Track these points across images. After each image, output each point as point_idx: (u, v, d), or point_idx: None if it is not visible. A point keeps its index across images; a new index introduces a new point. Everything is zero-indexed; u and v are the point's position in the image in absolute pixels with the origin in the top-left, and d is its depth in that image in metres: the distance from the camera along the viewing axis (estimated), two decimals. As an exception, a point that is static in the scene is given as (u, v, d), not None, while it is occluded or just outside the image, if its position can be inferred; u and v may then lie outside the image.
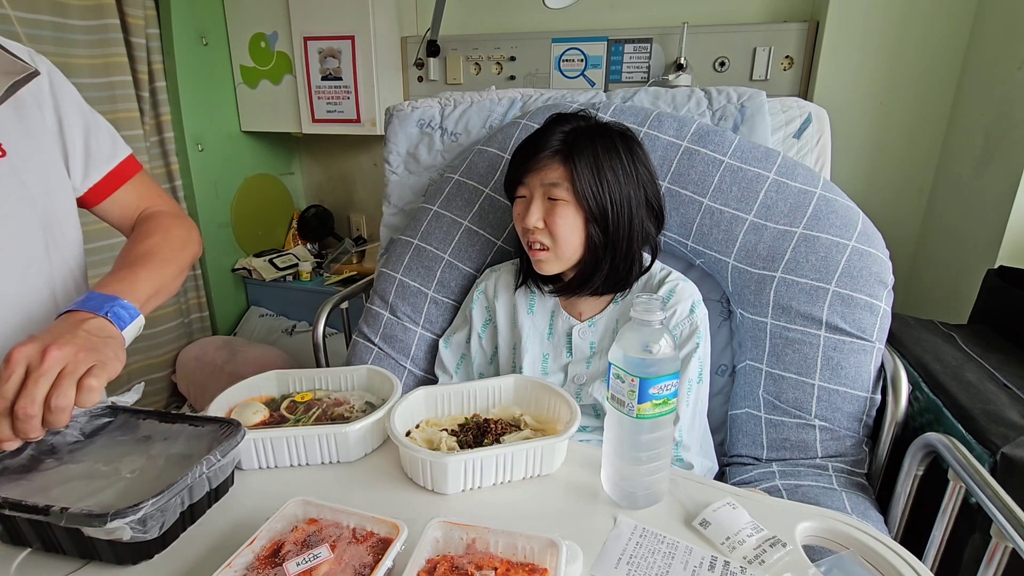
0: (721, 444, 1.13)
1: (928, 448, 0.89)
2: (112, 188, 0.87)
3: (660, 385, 0.64)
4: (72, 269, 0.84)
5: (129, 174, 0.89)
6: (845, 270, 1.04)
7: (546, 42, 2.04)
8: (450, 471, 0.69)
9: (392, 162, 1.46)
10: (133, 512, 0.54)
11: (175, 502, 0.60)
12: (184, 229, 0.89)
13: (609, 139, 0.94)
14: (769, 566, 0.60)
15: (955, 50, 1.61)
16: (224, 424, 0.70)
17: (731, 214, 1.10)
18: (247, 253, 2.47)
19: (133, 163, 0.90)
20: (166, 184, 2.13)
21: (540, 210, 0.94)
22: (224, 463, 0.66)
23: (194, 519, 0.66)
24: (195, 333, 2.28)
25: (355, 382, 0.90)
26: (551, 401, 0.83)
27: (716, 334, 1.15)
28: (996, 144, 1.41)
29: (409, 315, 1.24)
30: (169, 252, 0.82)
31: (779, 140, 1.28)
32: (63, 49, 1.73)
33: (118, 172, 0.87)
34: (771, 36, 1.81)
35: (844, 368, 1.03)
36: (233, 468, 0.72)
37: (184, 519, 0.64)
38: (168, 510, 0.59)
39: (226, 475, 0.70)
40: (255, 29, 2.21)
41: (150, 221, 0.87)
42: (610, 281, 0.98)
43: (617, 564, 0.61)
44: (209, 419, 0.72)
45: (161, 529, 0.59)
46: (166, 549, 0.62)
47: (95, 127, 0.85)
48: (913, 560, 0.61)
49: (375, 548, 0.56)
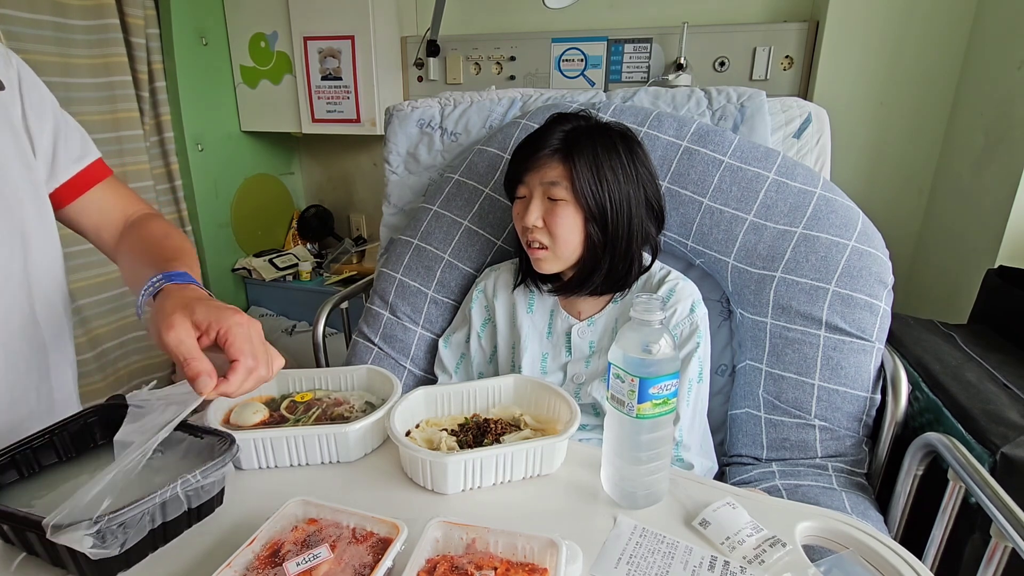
0: (721, 444, 1.13)
1: (928, 448, 0.89)
2: (81, 190, 0.83)
3: (660, 385, 0.64)
4: (54, 276, 0.82)
5: (99, 177, 0.85)
6: (845, 270, 1.04)
7: (546, 42, 2.04)
8: (450, 471, 0.69)
9: (392, 162, 1.46)
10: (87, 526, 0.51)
11: (141, 520, 0.57)
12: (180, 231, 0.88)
13: (609, 139, 0.94)
14: (769, 566, 0.60)
15: (955, 50, 1.61)
16: (221, 439, 0.67)
17: (731, 214, 1.10)
18: (247, 253, 2.47)
19: (103, 167, 0.86)
20: (166, 184, 2.13)
21: (539, 209, 0.94)
22: (207, 484, 0.62)
23: (168, 539, 0.62)
24: (195, 333, 2.28)
25: (355, 382, 0.90)
26: (551, 401, 0.83)
27: (716, 334, 1.15)
28: (996, 144, 1.41)
29: (409, 315, 1.24)
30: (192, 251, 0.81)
31: (779, 140, 1.28)
32: (63, 49, 1.73)
33: (87, 174, 0.84)
34: (771, 36, 1.81)
35: (844, 368, 1.03)
36: (221, 488, 0.67)
37: (155, 538, 0.60)
38: (131, 527, 0.56)
39: (211, 495, 0.66)
40: (255, 29, 2.21)
41: (155, 221, 0.86)
42: (609, 280, 0.98)
43: (617, 564, 0.61)
44: (210, 431, 0.69)
45: (123, 547, 0.55)
46: (130, 569, 0.59)
47: (65, 127, 0.82)
48: (913, 560, 0.61)
49: (375, 548, 0.56)
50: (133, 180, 1.96)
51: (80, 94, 1.79)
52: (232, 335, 0.60)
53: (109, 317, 1.93)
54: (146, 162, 2.00)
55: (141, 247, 0.80)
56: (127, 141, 1.93)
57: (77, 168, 0.82)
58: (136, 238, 0.83)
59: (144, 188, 2.00)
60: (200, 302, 0.63)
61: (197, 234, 2.25)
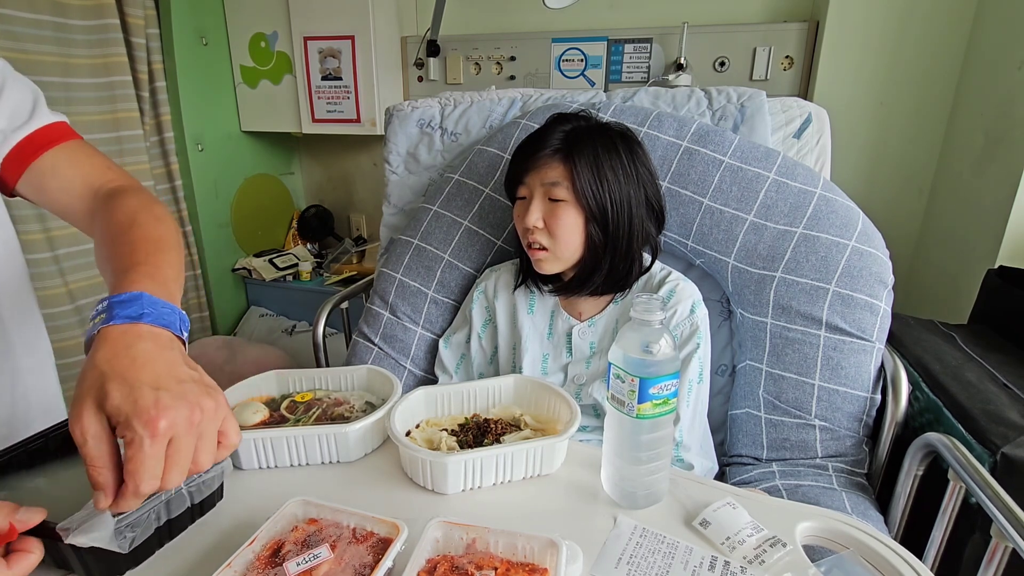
0: (721, 444, 1.13)
1: (928, 448, 0.89)
2: (30, 157, 0.68)
3: (660, 385, 0.64)
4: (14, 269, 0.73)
5: (52, 141, 0.69)
6: (845, 270, 1.04)
7: (546, 42, 2.04)
8: (450, 471, 0.69)
9: (392, 162, 1.46)
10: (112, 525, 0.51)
11: (148, 518, 0.57)
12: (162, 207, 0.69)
13: (609, 139, 0.94)
14: (769, 566, 0.60)
15: (955, 50, 1.61)
16: None
17: (731, 214, 1.10)
18: (247, 253, 2.47)
19: (60, 130, 0.71)
20: (166, 184, 2.13)
21: (540, 210, 0.94)
22: (207, 478, 0.63)
23: (172, 535, 0.63)
24: (195, 333, 2.28)
25: (355, 382, 0.90)
26: (551, 401, 0.83)
27: (716, 334, 1.14)
28: (996, 144, 1.41)
29: (409, 315, 1.24)
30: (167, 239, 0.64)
31: (779, 140, 1.28)
32: (63, 49, 1.73)
33: (35, 139, 0.68)
34: (771, 36, 1.81)
35: (844, 368, 1.03)
36: (221, 483, 0.68)
37: (160, 535, 0.61)
38: (139, 526, 0.57)
39: (212, 489, 0.66)
40: (255, 29, 2.21)
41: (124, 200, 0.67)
42: (610, 281, 0.98)
43: (617, 564, 0.60)
44: None
45: (131, 544, 0.56)
46: (137, 567, 0.59)
47: (12, 89, 0.68)
48: (913, 560, 0.61)
49: (375, 548, 0.56)
50: (133, 180, 1.96)
51: (80, 94, 1.79)
52: (135, 449, 0.44)
53: (109, 317, 1.92)
54: (146, 162, 2.00)
55: (104, 239, 0.64)
56: (127, 141, 1.93)
57: (24, 133, 0.68)
58: (102, 226, 0.66)
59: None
60: (129, 372, 0.46)
61: (197, 234, 2.25)
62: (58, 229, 1.78)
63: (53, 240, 1.77)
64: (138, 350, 0.48)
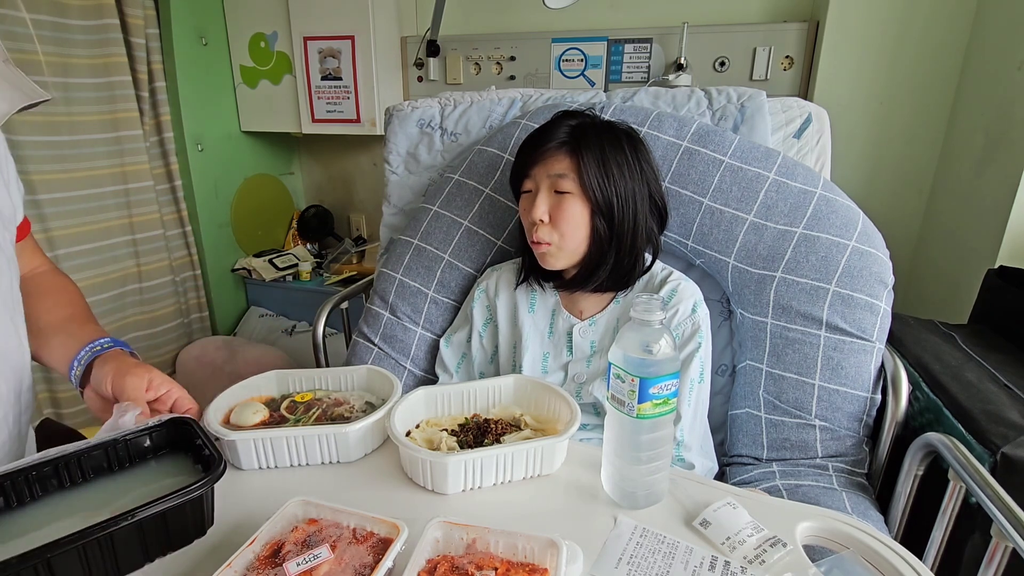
0: (721, 444, 1.13)
1: (928, 448, 0.89)
2: (24, 232, 0.86)
3: (660, 385, 0.64)
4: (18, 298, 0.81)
5: (25, 232, 0.87)
6: (845, 270, 1.04)
7: (546, 42, 2.04)
8: (450, 471, 0.69)
9: (392, 162, 1.46)
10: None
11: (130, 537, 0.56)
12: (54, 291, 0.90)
13: (615, 135, 0.94)
14: (769, 566, 0.60)
15: (955, 50, 1.61)
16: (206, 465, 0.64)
17: (731, 214, 1.10)
18: (247, 253, 2.47)
19: (27, 224, 0.88)
20: (166, 184, 2.13)
21: (546, 203, 0.94)
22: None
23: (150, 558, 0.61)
24: (195, 333, 2.28)
25: (355, 382, 0.90)
26: (551, 401, 0.83)
27: (716, 334, 1.14)
28: (996, 144, 1.41)
29: (409, 315, 1.24)
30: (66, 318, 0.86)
31: (779, 140, 1.28)
32: (63, 49, 1.73)
33: (25, 223, 0.86)
34: (771, 36, 1.81)
35: (844, 368, 1.03)
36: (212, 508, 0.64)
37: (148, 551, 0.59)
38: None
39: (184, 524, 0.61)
40: (255, 29, 2.21)
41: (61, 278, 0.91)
42: (614, 277, 0.98)
43: (617, 564, 0.60)
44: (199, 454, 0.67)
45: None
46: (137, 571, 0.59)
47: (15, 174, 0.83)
48: (913, 560, 0.61)
49: (375, 548, 0.56)
50: (133, 180, 1.96)
51: (80, 94, 1.79)
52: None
53: (109, 317, 1.93)
54: (146, 162, 2.00)
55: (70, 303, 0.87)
56: (127, 141, 1.93)
57: (22, 213, 0.84)
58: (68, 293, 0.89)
59: (144, 188, 2.00)
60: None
61: (197, 234, 2.25)
62: (58, 229, 1.78)
63: (53, 240, 1.77)
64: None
